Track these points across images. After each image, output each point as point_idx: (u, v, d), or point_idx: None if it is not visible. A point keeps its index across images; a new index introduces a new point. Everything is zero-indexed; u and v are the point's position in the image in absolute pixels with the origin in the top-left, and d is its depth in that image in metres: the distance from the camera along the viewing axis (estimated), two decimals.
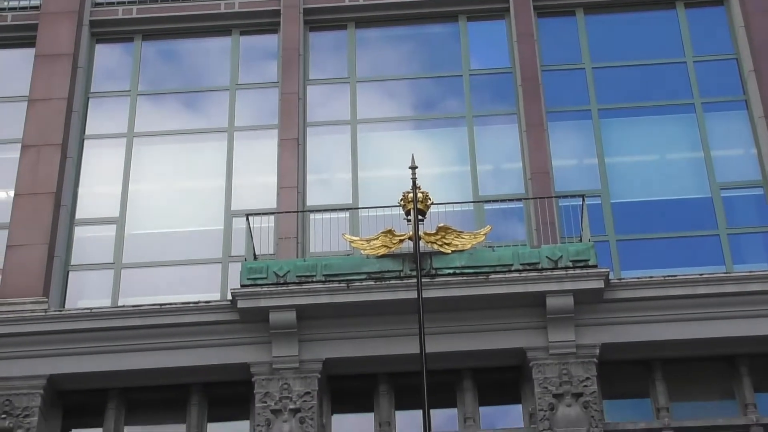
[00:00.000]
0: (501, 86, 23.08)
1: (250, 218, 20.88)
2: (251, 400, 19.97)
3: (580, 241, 20.56)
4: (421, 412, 18.86)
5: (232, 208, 21.97)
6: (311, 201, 21.98)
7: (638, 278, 20.26)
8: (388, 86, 23.35)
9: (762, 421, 19.70)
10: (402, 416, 20.10)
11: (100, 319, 20.23)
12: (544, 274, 19.90)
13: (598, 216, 21.42)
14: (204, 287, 21.12)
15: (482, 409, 20.12)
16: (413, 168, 19.95)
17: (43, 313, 20.41)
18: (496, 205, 21.71)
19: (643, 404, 20.17)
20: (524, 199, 21.62)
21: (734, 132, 22.38)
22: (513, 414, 20.16)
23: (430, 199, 20.23)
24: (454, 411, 20.14)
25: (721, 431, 19.79)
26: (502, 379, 20.29)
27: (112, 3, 24.00)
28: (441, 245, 20.32)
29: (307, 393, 19.72)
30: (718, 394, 20.33)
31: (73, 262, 21.70)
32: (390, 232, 20.42)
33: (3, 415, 19.73)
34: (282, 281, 20.08)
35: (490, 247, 20.59)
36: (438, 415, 19.72)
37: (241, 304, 19.93)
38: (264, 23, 23.76)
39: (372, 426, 20.06)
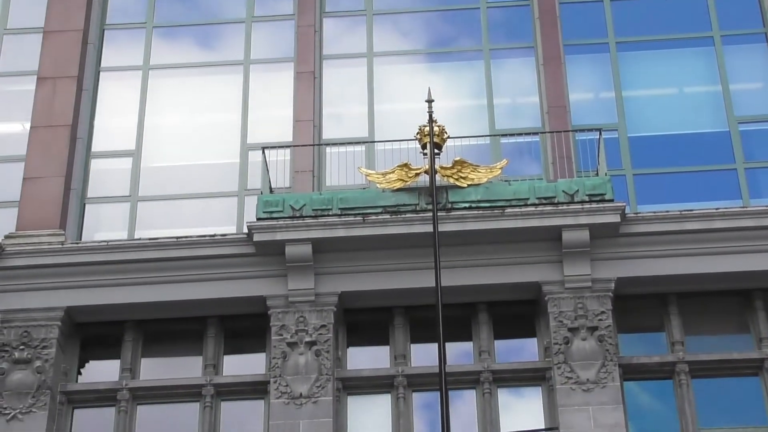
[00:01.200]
0: (518, 19, 22.92)
1: (266, 151, 20.88)
2: (267, 333, 20.07)
3: (597, 175, 20.52)
4: (436, 345, 18.93)
5: (248, 142, 21.94)
6: (327, 134, 21.93)
7: (654, 212, 20.23)
8: (404, 19, 23.20)
9: None
10: (417, 349, 20.19)
11: (116, 252, 20.31)
12: (560, 208, 19.89)
13: (614, 150, 21.34)
14: (220, 220, 21.16)
15: (497, 343, 20.19)
16: (429, 101, 19.89)
17: (60, 246, 20.49)
18: (512, 139, 21.65)
19: (657, 338, 20.22)
20: (541, 133, 21.55)
21: (753, 65, 22.22)
22: (528, 348, 20.23)
23: (446, 132, 20.17)
24: (469, 344, 20.22)
25: (735, 365, 19.85)
26: (518, 313, 20.35)
27: None
28: (457, 179, 20.30)
29: (323, 326, 19.82)
30: (733, 329, 20.37)
31: (89, 194, 21.75)
32: (406, 165, 20.39)
33: (21, 347, 19.88)
34: (298, 215, 20.10)
35: (506, 181, 20.58)
36: (453, 348, 19.80)
37: (257, 237, 19.98)
38: None
39: (387, 359, 20.15)
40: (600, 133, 20.70)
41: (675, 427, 19.41)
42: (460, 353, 20.15)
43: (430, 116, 19.87)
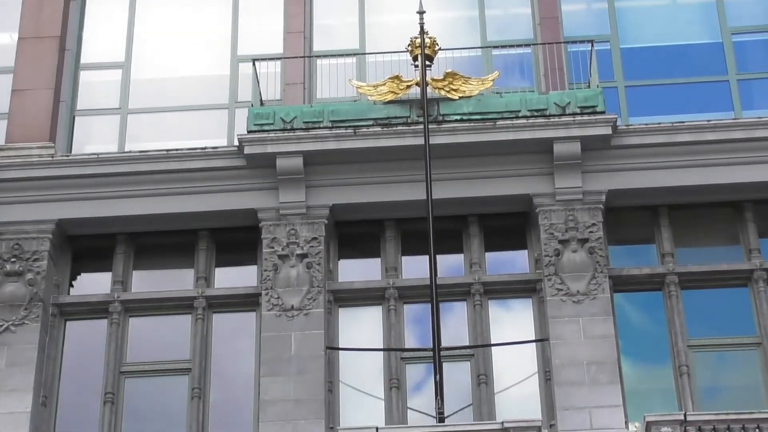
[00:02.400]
0: None
1: (257, 63, 20.75)
2: (258, 246, 20.11)
3: (588, 87, 20.45)
4: (427, 257, 19.04)
5: (238, 54, 21.79)
6: (318, 46, 21.78)
7: (646, 124, 20.21)
8: None
9: (766, 266, 19.85)
10: (408, 261, 20.23)
11: (107, 165, 20.28)
12: (552, 120, 19.85)
13: (606, 62, 21.24)
14: (210, 133, 21.08)
15: (488, 255, 20.25)
16: (421, 12, 19.73)
17: (50, 158, 20.45)
18: (504, 51, 21.52)
19: (648, 250, 20.29)
20: (532, 44, 21.43)
21: None
22: (518, 260, 20.30)
23: (437, 44, 20.07)
24: (460, 257, 20.28)
25: (724, 276, 19.95)
26: (509, 226, 20.38)
27: None
28: (448, 91, 20.22)
29: (314, 238, 19.86)
30: (723, 240, 20.44)
31: (79, 107, 21.65)
32: (397, 77, 20.30)
33: (13, 259, 19.91)
34: (288, 127, 20.05)
35: (497, 93, 20.51)
36: (444, 260, 19.84)
37: (247, 150, 19.93)
38: None
39: (378, 271, 20.21)
40: (592, 45, 20.60)
41: (664, 338, 19.55)
42: (450, 265, 20.20)
43: (422, 28, 19.75)
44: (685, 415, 18.12)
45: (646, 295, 19.96)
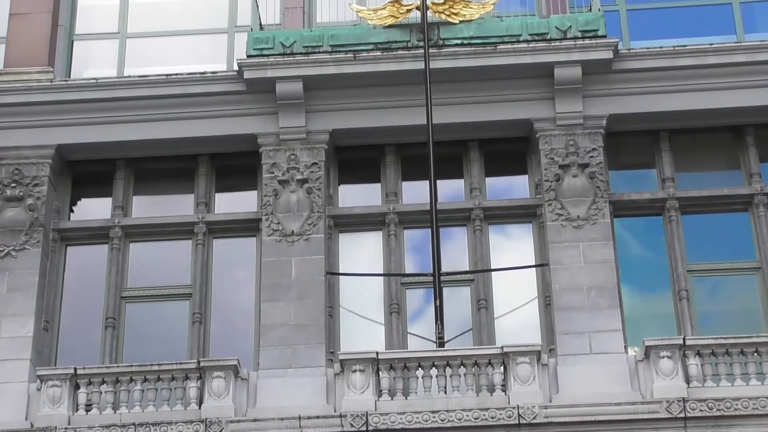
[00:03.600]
0: None
1: None
2: (258, 171, 20.10)
3: (590, 10, 20.31)
4: (427, 182, 19.04)
5: None
6: None
7: (647, 48, 20.09)
8: None
9: (766, 191, 19.84)
10: (408, 187, 20.22)
11: (106, 89, 20.21)
12: (553, 44, 19.73)
13: None
14: (210, 58, 20.98)
15: (488, 180, 20.24)
16: None
17: (49, 83, 20.36)
18: None
19: (648, 175, 20.27)
20: None
21: None
22: (519, 185, 20.27)
23: None
24: (460, 182, 20.26)
25: (724, 201, 19.95)
26: (509, 151, 20.34)
27: None
28: (449, 15, 20.09)
29: (314, 164, 19.83)
30: (724, 165, 20.42)
31: (77, 31, 21.52)
32: (397, 1, 20.17)
33: (13, 184, 19.91)
34: (288, 52, 19.94)
35: (498, 17, 20.39)
36: (444, 186, 19.85)
37: (247, 74, 19.84)
38: None
39: (379, 196, 20.22)
40: None
41: (664, 262, 19.59)
42: (451, 191, 20.20)
43: None
44: (684, 339, 18.25)
45: (647, 220, 19.97)
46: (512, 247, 20.01)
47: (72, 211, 20.56)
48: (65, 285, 20.05)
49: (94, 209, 20.55)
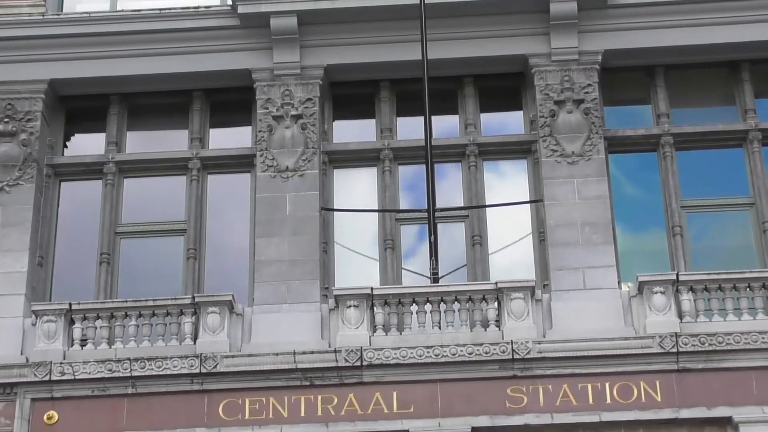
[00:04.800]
0: None
1: None
2: (253, 107, 20.03)
3: None
4: (422, 118, 19.00)
5: None
6: None
7: None
8: None
9: (761, 126, 19.82)
10: (403, 123, 20.17)
11: (98, 24, 20.06)
12: None
13: None
14: None
15: (483, 116, 20.17)
16: None
17: (41, 17, 20.21)
18: None
19: (643, 111, 20.23)
20: None
21: None
22: (514, 121, 20.23)
23: None
24: (455, 118, 20.21)
25: (719, 137, 19.94)
26: (504, 86, 20.27)
27: None
28: None
29: (309, 99, 19.75)
30: (719, 101, 20.40)
31: None
32: None
33: (6, 119, 19.84)
34: None
35: None
36: (439, 121, 19.78)
37: (241, 9, 19.70)
38: None
39: (373, 132, 20.17)
40: None
41: (658, 199, 19.60)
42: (445, 127, 20.15)
43: None
44: (677, 274, 18.30)
45: (641, 156, 19.96)
46: (507, 184, 20.01)
47: (65, 146, 20.51)
48: (59, 220, 20.03)
49: (87, 145, 20.48)
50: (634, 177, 19.96)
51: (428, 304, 18.33)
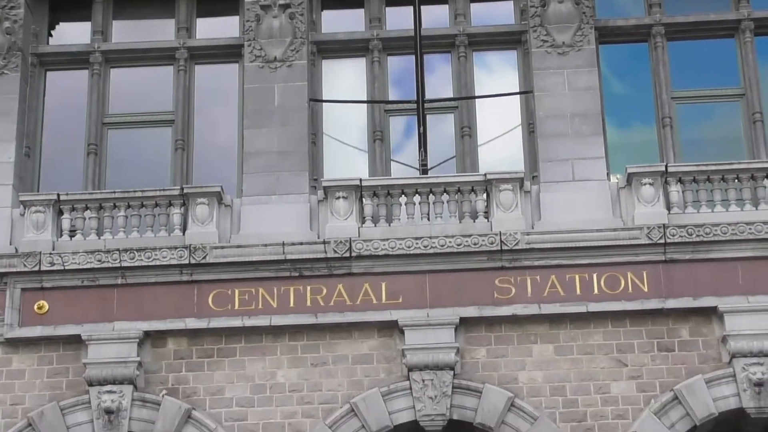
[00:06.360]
0: None
1: None
2: None
3: None
4: (411, 8, 18.86)
5: None
6: None
7: None
8: None
9: (754, 16, 19.68)
10: (392, 12, 19.94)
11: None
12: None
13: None
14: None
15: (473, 6, 19.95)
16: None
17: None
18: None
19: (635, 0, 20.02)
20: None
21: None
22: (504, 11, 20.00)
23: None
24: (445, 8, 19.96)
25: (711, 27, 19.78)
26: None
27: None
28: None
29: None
30: None
31: None
32: None
33: None
34: None
35: None
36: (428, 11, 19.58)
37: None
38: None
39: (362, 22, 19.97)
40: None
41: (648, 90, 19.52)
42: (435, 17, 19.91)
43: None
44: (666, 166, 18.31)
45: (632, 47, 19.82)
46: (496, 75, 19.90)
47: (50, 35, 20.27)
48: (46, 111, 19.89)
49: (73, 34, 20.25)
50: (624, 68, 19.84)
51: (417, 195, 18.34)
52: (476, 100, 19.43)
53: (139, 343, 17.85)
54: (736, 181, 18.31)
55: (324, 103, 19.46)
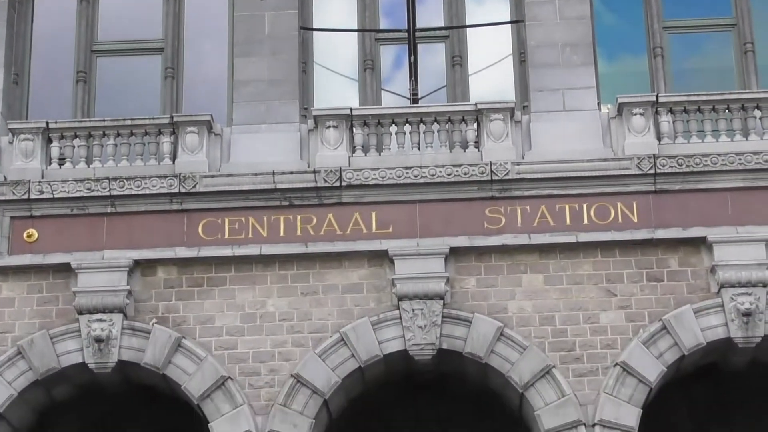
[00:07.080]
0: None
1: None
2: None
3: None
4: None
5: None
6: None
7: None
8: None
9: None
10: None
11: None
12: None
13: None
14: None
15: None
16: None
17: None
18: None
19: None
20: None
21: None
22: None
23: None
24: None
25: None
26: None
27: None
28: None
29: None
30: None
31: None
32: None
33: None
34: None
35: None
36: None
37: None
38: None
39: None
40: None
41: (640, 20, 19.42)
42: None
43: None
44: (656, 96, 18.27)
45: None
46: (488, 4, 19.77)
47: None
48: (34, 38, 19.72)
49: None
50: None
51: (407, 125, 18.30)
52: (467, 29, 19.33)
53: (128, 271, 17.86)
54: (727, 111, 18.30)
55: (315, 32, 19.32)
